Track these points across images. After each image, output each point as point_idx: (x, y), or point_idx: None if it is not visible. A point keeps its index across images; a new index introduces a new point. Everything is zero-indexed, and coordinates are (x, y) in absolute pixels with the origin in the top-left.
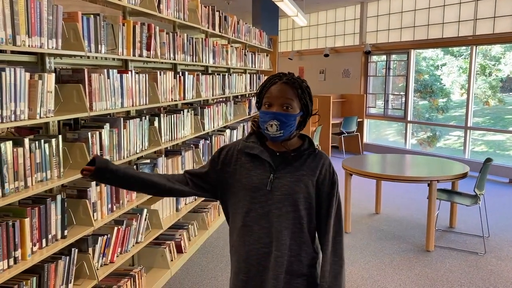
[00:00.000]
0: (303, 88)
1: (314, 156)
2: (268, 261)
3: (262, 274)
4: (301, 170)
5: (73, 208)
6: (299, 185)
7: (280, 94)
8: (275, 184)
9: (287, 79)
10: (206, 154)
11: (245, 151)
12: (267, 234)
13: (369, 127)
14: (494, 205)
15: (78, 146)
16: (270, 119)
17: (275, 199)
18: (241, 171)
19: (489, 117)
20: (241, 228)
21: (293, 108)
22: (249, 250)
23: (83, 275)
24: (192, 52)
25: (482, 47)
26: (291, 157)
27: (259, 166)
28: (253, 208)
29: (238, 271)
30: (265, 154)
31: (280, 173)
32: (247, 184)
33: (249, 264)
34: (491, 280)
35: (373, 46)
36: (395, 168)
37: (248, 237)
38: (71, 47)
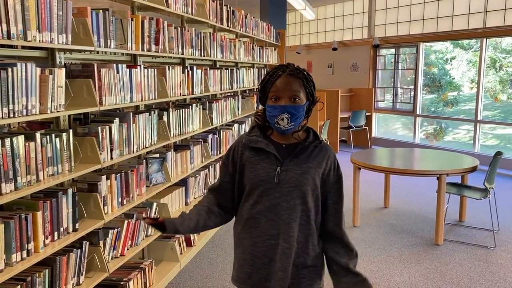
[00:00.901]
0: (307, 78)
1: (320, 148)
2: (275, 253)
3: (268, 266)
4: (308, 162)
5: (84, 202)
6: (306, 177)
7: (287, 86)
8: (282, 177)
9: (290, 71)
10: (214, 148)
11: (249, 145)
12: (274, 226)
13: (378, 121)
14: (504, 199)
15: (88, 140)
16: (280, 113)
17: (283, 191)
18: (248, 166)
19: (499, 111)
20: (247, 221)
21: (301, 99)
22: (255, 242)
23: (94, 267)
24: (200, 47)
25: (493, 39)
26: (298, 149)
27: (265, 160)
28: (261, 201)
29: (243, 263)
30: (270, 147)
31: (287, 165)
32: (253, 178)
33: (255, 256)
34: (500, 273)
35: (382, 39)
36: (404, 162)
37: (254, 229)
38: (81, 42)
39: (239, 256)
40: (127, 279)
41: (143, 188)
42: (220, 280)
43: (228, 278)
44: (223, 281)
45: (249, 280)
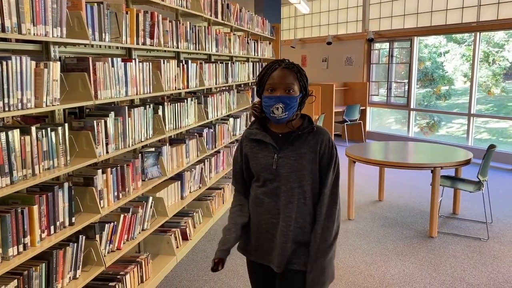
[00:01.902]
0: (300, 72)
1: (314, 133)
2: (276, 230)
3: (270, 242)
4: (302, 149)
5: (80, 196)
6: (301, 163)
7: (282, 79)
8: (279, 163)
9: (286, 65)
10: (210, 142)
11: (250, 137)
12: (275, 206)
13: (372, 115)
14: (497, 192)
15: (84, 134)
16: (275, 103)
17: (281, 176)
18: (251, 155)
19: (492, 105)
20: (254, 200)
21: (294, 90)
22: (260, 220)
23: (90, 261)
24: (195, 40)
25: (486, 33)
26: (292, 137)
27: (264, 149)
28: (264, 185)
29: (251, 237)
30: (267, 137)
31: (284, 153)
32: (256, 166)
33: (259, 232)
34: (494, 265)
35: (376, 33)
36: (398, 155)
37: (259, 208)
38: (76, 35)
39: (249, 230)
40: (124, 272)
41: (139, 182)
42: (217, 273)
43: (224, 271)
44: (219, 274)
45: (255, 252)
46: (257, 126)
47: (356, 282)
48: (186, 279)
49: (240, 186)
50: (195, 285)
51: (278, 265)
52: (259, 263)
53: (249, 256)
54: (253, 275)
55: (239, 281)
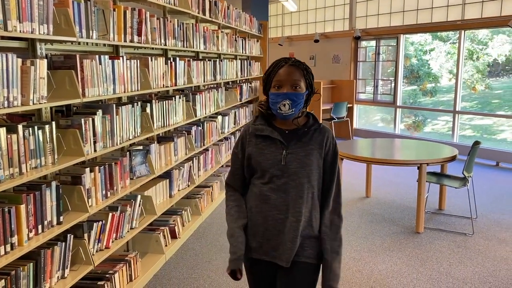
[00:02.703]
0: (307, 69)
1: (320, 130)
2: (284, 226)
3: (277, 238)
4: (310, 145)
5: (68, 195)
6: (310, 158)
7: (289, 76)
8: (288, 159)
9: (292, 62)
10: (198, 140)
11: (256, 133)
12: (283, 202)
13: (359, 113)
14: (482, 187)
15: (71, 132)
16: (282, 99)
17: (290, 172)
18: (256, 152)
19: (476, 102)
20: (259, 197)
21: (301, 87)
22: (266, 216)
23: (79, 260)
24: (183, 38)
25: (470, 31)
26: (300, 133)
27: (271, 145)
28: (271, 181)
29: (255, 234)
30: (275, 133)
31: (292, 148)
32: (263, 162)
33: (266, 229)
34: (478, 259)
35: (363, 31)
36: (385, 152)
37: (265, 205)
38: (63, 32)
39: (251, 228)
40: (112, 271)
41: (127, 181)
42: (206, 271)
43: (213, 269)
44: (209, 272)
45: (260, 248)
46: (262, 122)
47: (344, 278)
48: (175, 277)
49: (239, 183)
50: (184, 283)
51: (287, 260)
52: (262, 260)
53: (250, 254)
54: (252, 273)
55: (228, 278)
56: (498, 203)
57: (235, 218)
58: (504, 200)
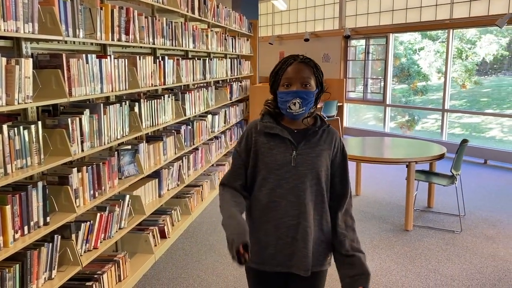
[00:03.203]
0: (317, 66)
1: (328, 131)
2: (297, 232)
3: (291, 246)
4: (319, 145)
5: (55, 195)
6: (320, 160)
7: (299, 73)
8: (298, 160)
9: (302, 59)
10: (188, 139)
11: (265, 131)
12: (294, 207)
13: (349, 111)
14: (470, 185)
15: (58, 132)
16: (292, 98)
17: (300, 174)
18: (263, 151)
19: (465, 100)
20: (267, 205)
21: (311, 85)
22: (278, 224)
23: (66, 261)
24: (172, 37)
25: (459, 30)
26: (309, 133)
27: (280, 145)
28: (280, 185)
29: (266, 245)
30: (285, 132)
31: (302, 149)
32: (270, 163)
33: (278, 238)
34: (466, 256)
35: (353, 30)
36: (374, 151)
37: (275, 212)
38: (48, 31)
39: (260, 239)
40: (101, 272)
41: (115, 181)
42: (195, 270)
43: (202, 268)
44: (198, 271)
45: (273, 260)
46: (270, 120)
47: (333, 275)
48: (164, 277)
49: (238, 184)
50: (174, 283)
51: (306, 269)
52: (273, 272)
53: (263, 267)
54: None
55: (218, 278)
56: (486, 200)
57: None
58: (492, 197)
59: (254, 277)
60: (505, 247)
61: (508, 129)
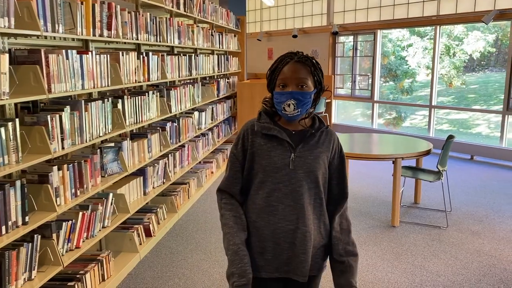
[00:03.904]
0: (315, 65)
1: (326, 133)
2: (295, 237)
3: (288, 251)
4: (318, 148)
5: (34, 194)
6: (318, 162)
7: (295, 73)
8: (296, 163)
9: (298, 58)
10: (173, 137)
11: (262, 132)
12: (292, 211)
13: (337, 108)
14: (456, 181)
15: (37, 129)
16: (287, 99)
17: (298, 177)
18: (260, 153)
19: (453, 96)
20: (264, 209)
21: (308, 86)
22: (275, 229)
23: (47, 261)
24: (156, 32)
25: (446, 27)
26: (308, 135)
27: (278, 147)
28: (277, 188)
29: (263, 251)
30: (283, 134)
31: (300, 151)
32: (268, 165)
33: (275, 243)
34: (452, 252)
35: (341, 26)
36: (362, 147)
37: (272, 217)
38: (26, 26)
39: (256, 245)
40: (83, 271)
41: (98, 179)
42: (181, 269)
43: (188, 267)
44: (184, 270)
45: (269, 266)
46: (267, 120)
47: (326, 276)
48: (149, 276)
49: (237, 189)
50: (159, 281)
51: (304, 274)
52: (270, 278)
53: (259, 274)
54: None
55: (203, 276)
56: (472, 196)
57: (235, 231)
58: (478, 193)
59: None
60: (490, 242)
61: (494, 125)
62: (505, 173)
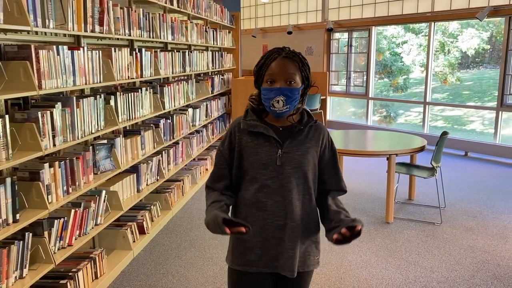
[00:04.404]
0: (302, 61)
1: (315, 127)
2: (284, 233)
3: (277, 247)
4: (306, 143)
5: (25, 191)
6: (307, 158)
7: (283, 69)
8: (284, 159)
9: (286, 54)
10: (167, 133)
11: (248, 130)
12: (281, 207)
13: (332, 105)
14: (451, 177)
15: (28, 126)
16: (276, 95)
17: (286, 173)
18: (247, 150)
19: (448, 93)
20: (253, 204)
21: (296, 82)
22: (264, 225)
23: (39, 259)
24: (149, 28)
25: (441, 24)
26: (295, 130)
27: (265, 143)
28: (265, 184)
29: (252, 246)
30: (270, 131)
31: (287, 147)
32: (255, 162)
33: (264, 239)
34: (446, 248)
35: (335, 23)
36: (357, 144)
37: (261, 213)
38: (15, 21)
39: (246, 240)
40: (76, 269)
41: (90, 176)
42: (175, 266)
43: (182, 264)
44: (178, 267)
45: (259, 261)
46: (254, 117)
47: (320, 273)
48: (143, 273)
49: (223, 183)
50: (152, 279)
51: (292, 270)
52: (260, 273)
53: (249, 268)
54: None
55: (197, 273)
56: (466, 192)
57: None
58: (472, 189)
59: (239, 279)
60: (483, 238)
61: (488, 122)
62: (499, 169)
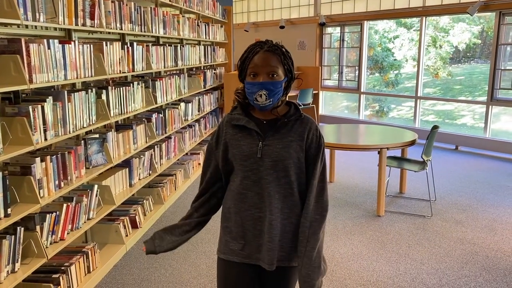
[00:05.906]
0: (285, 54)
1: (301, 121)
2: (263, 225)
3: (258, 238)
4: (289, 136)
5: (17, 186)
6: (288, 151)
7: (265, 63)
8: (264, 151)
9: (268, 47)
10: (159, 128)
11: (232, 123)
12: (260, 199)
13: (325, 99)
14: (441, 171)
15: (18, 120)
16: (258, 89)
17: (265, 165)
18: (231, 143)
19: (439, 88)
20: (236, 196)
21: (279, 75)
22: (244, 216)
23: (31, 253)
24: (141, 22)
25: (432, 18)
26: (278, 124)
27: (247, 136)
28: (247, 176)
29: (236, 236)
30: (251, 123)
31: (269, 140)
32: (238, 154)
33: (246, 229)
34: (436, 240)
35: (328, 17)
36: (348, 138)
37: (243, 204)
38: (4, 15)
39: (231, 230)
40: (68, 263)
41: (82, 170)
42: (167, 260)
43: (175, 257)
44: (171, 260)
45: (242, 251)
46: (239, 111)
47: None
48: (135, 267)
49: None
50: (145, 273)
51: (270, 263)
52: (244, 263)
53: (232, 258)
54: (232, 278)
55: (190, 267)
56: (456, 185)
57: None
58: (462, 182)
59: (222, 267)
60: (473, 231)
61: (479, 116)
62: (489, 162)
